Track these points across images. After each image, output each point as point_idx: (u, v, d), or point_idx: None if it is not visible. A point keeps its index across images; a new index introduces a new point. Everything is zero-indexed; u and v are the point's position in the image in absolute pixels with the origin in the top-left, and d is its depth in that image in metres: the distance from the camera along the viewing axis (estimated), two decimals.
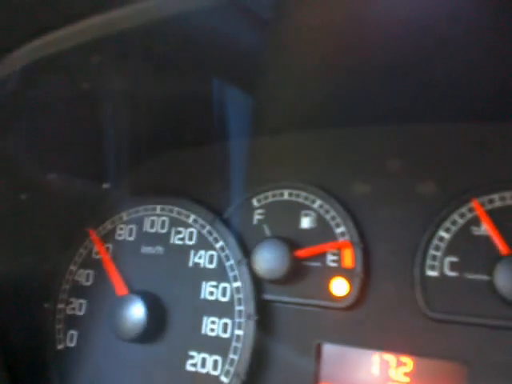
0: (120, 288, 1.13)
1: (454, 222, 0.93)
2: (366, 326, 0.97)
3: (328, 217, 1.05)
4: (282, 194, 1.11)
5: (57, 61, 0.87)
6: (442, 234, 0.94)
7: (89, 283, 1.23)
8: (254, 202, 1.13)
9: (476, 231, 0.92)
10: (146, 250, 1.19)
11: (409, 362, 0.92)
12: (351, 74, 0.93)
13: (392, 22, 0.76)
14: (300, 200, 1.09)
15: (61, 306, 1.23)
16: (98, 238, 1.23)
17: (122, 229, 1.24)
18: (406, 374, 0.92)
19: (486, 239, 0.90)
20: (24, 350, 1.16)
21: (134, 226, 1.23)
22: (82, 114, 1.08)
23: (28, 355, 1.17)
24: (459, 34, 0.77)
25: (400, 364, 0.93)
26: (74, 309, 1.22)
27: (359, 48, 0.84)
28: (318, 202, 1.06)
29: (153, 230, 1.21)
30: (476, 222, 0.92)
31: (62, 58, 0.86)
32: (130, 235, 1.23)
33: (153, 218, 1.22)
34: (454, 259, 0.92)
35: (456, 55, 0.82)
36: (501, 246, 0.87)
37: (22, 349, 1.15)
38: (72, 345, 1.19)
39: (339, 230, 1.03)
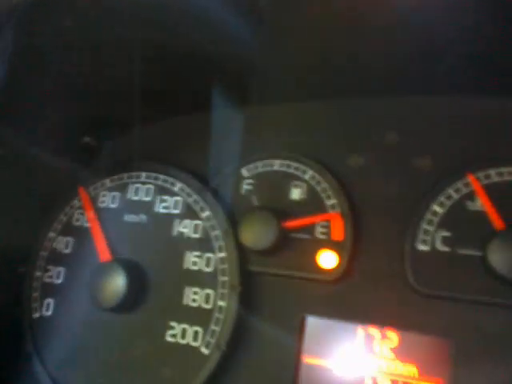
0: (104, 254, 1.09)
1: (448, 197, 0.91)
2: (352, 299, 0.94)
3: (319, 188, 1.02)
4: (272, 164, 1.08)
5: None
6: (436, 208, 0.91)
7: (68, 251, 1.19)
8: (244, 172, 1.10)
9: (471, 206, 0.90)
10: (129, 217, 1.15)
11: (394, 337, 0.90)
12: (349, 44, 0.90)
13: None
14: (291, 170, 1.05)
15: (38, 273, 1.19)
16: (88, 196, 1.18)
17: (104, 196, 1.20)
18: (390, 349, 0.90)
19: (481, 214, 0.88)
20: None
21: (117, 193, 1.19)
22: (69, 75, 1.03)
23: (3, 324, 1.13)
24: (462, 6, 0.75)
25: (385, 338, 0.91)
26: (51, 277, 1.18)
27: (359, 18, 0.82)
28: (310, 173, 1.03)
29: (137, 198, 1.17)
30: (471, 197, 0.90)
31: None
32: (113, 202, 1.19)
33: (137, 185, 1.18)
34: (447, 234, 0.89)
35: (457, 27, 0.80)
36: (496, 222, 0.85)
37: None
38: (48, 313, 1.15)
39: (330, 202, 1.00)
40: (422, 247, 0.90)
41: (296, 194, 1.04)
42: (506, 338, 0.83)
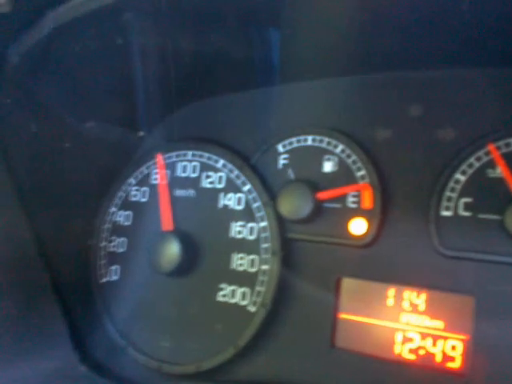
0: (167, 223, 1.21)
1: (470, 165, 0.97)
2: (382, 261, 1.03)
3: (349, 161, 1.09)
4: (305, 140, 1.16)
5: (88, 20, 0.92)
6: (458, 176, 0.97)
7: (129, 223, 1.32)
8: (280, 148, 1.18)
9: (491, 174, 0.95)
10: (179, 192, 1.27)
11: (421, 295, 0.99)
12: (374, 20, 0.94)
13: None
14: (323, 145, 1.13)
15: (103, 244, 1.33)
16: (164, 163, 1.29)
17: (156, 173, 1.32)
18: (418, 306, 0.99)
19: (500, 181, 0.93)
20: (74, 284, 1.27)
21: (167, 171, 1.31)
22: (117, 65, 1.13)
23: (78, 288, 1.28)
24: None
25: (413, 296, 1.00)
26: (115, 246, 1.32)
27: None
28: (340, 147, 1.11)
29: (185, 175, 1.28)
30: (491, 165, 0.95)
31: (94, 16, 0.91)
32: (164, 179, 1.31)
33: (185, 163, 1.29)
34: (469, 200, 0.96)
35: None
36: None
37: (72, 282, 1.26)
38: (115, 278, 1.30)
39: (360, 174, 1.08)
40: (446, 213, 0.97)
41: (328, 166, 1.12)
42: None
